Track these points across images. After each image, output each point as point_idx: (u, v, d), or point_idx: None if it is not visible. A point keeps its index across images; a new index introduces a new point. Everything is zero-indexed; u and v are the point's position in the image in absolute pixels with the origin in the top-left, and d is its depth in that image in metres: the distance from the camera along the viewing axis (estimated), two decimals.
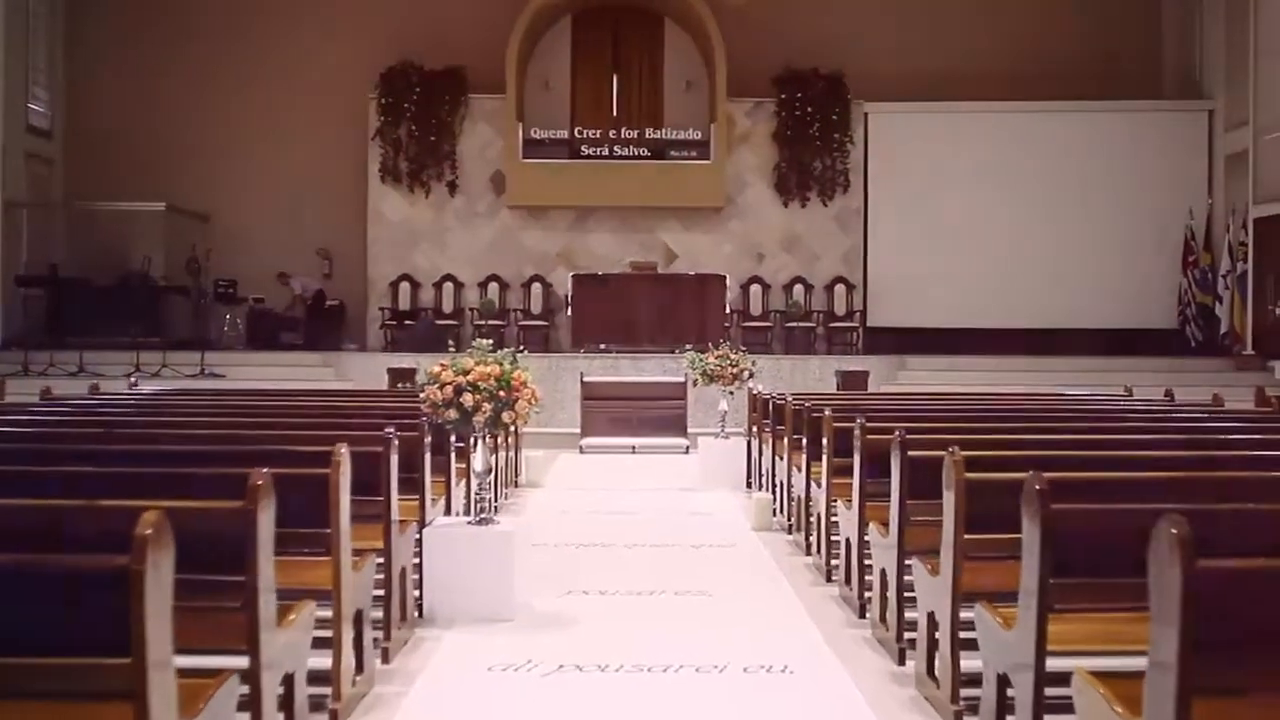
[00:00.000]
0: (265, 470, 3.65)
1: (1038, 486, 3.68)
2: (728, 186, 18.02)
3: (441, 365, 6.14)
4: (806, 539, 7.77)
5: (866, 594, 6.12)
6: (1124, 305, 18.03)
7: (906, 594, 5.37)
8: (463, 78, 18.02)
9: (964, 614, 4.45)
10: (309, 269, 18.54)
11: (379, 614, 5.29)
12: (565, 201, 18.00)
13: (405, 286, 18.06)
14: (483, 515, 6.20)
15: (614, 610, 6.36)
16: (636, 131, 18.00)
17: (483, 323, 17.16)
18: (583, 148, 17.99)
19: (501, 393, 6.02)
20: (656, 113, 18.16)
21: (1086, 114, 18.22)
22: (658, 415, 13.71)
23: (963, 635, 4.47)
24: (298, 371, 15.64)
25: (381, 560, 5.31)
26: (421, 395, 6.09)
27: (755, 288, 17.97)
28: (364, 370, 15.40)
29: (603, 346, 15.90)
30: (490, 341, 6.28)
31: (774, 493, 9.25)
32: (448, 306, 17.98)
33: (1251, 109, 16.91)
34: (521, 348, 6.44)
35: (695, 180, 17.81)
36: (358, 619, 4.84)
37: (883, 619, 5.68)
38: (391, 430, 5.41)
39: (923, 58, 18.24)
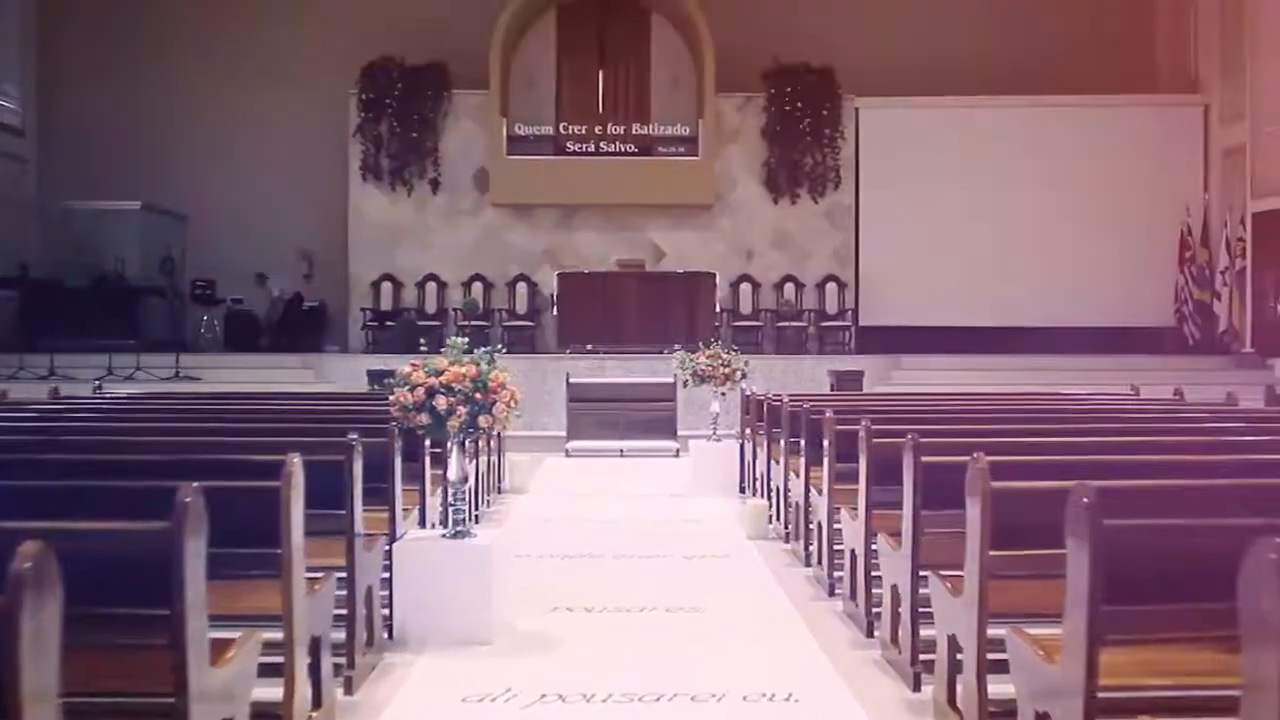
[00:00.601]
0: (195, 485, 3.13)
1: (1085, 499, 3.18)
2: (716, 183, 17.53)
3: (413, 365, 5.63)
4: (805, 549, 7.26)
5: (874, 610, 5.63)
6: (1120, 303, 17.57)
7: (921, 610, 4.87)
8: (445, 73, 17.49)
9: (989, 630, 3.97)
10: (288, 269, 17.99)
11: (343, 636, 4.79)
12: (551, 199, 17.49)
13: (387, 286, 17.52)
14: (458, 528, 5.68)
15: (601, 630, 5.84)
16: (623, 128, 17.50)
17: (466, 323, 16.62)
18: (568, 144, 17.48)
19: (478, 395, 5.51)
20: (644, 108, 17.65)
21: (1079, 109, 17.77)
22: (647, 417, 13.21)
23: (991, 657, 3.98)
24: (277, 374, 15.07)
25: (344, 579, 4.79)
26: (391, 398, 5.57)
27: (745, 286, 17.48)
28: (344, 372, 14.86)
29: (589, 347, 15.38)
30: (465, 340, 5.76)
31: (769, 499, 8.74)
32: (431, 307, 17.44)
33: (1248, 102, 16.48)
34: (500, 346, 5.92)
35: (683, 177, 17.31)
36: (314, 646, 4.32)
37: (894, 639, 5.18)
38: (354, 437, 4.89)
39: (914, 52, 17.78)
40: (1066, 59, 17.71)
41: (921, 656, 4.86)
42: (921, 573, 4.86)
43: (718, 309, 16.32)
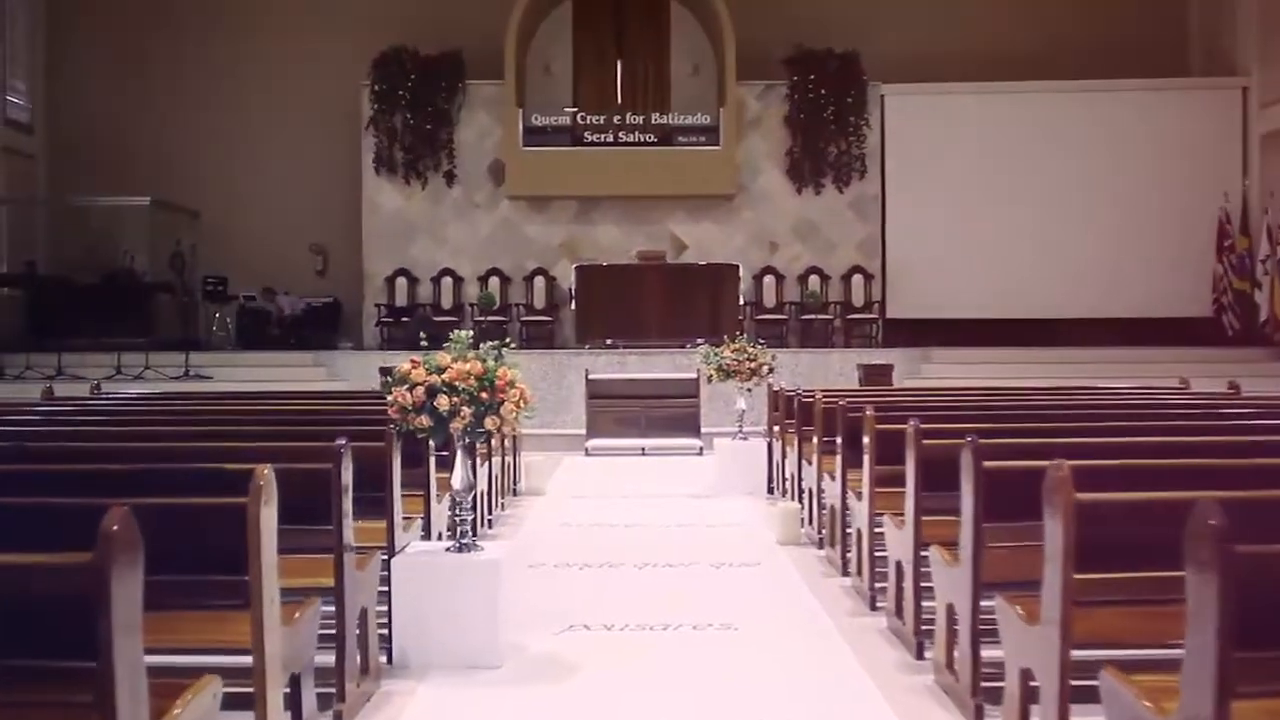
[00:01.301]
0: (124, 507, 2.55)
1: (1211, 520, 2.57)
2: (738, 173, 16.90)
3: (412, 363, 5.05)
4: (843, 557, 6.65)
5: (923, 627, 5.03)
6: (1155, 293, 16.85)
7: (983, 633, 4.27)
8: (460, 63, 16.92)
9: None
10: (301, 273, 17.46)
11: (333, 661, 4.22)
12: (568, 191, 16.89)
13: (402, 282, 16.96)
14: (464, 540, 5.11)
15: (622, 651, 5.26)
16: (642, 117, 16.89)
17: (483, 319, 16.10)
18: (586, 134, 16.88)
19: (484, 394, 4.93)
20: (663, 97, 17.02)
21: (1111, 94, 17.06)
22: (669, 414, 12.61)
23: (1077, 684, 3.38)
24: (289, 372, 14.56)
25: (332, 602, 4.22)
26: (389, 399, 4.99)
27: (769, 279, 16.85)
28: (357, 370, 14.31)
29: (609, 342, 14.79)
30: (470, 333, 5.17)
31: (801, 501, 8.13)
32: (447, 302, 16.89)
33: None
34: (509, 340, 5.33)
35: (704, 167, 16.68)
36: (294, 682, 3.75)
37: (949, 665, 4.58)
38: (342, 442, 4.31)
39: (941, 37, 17.14)
40: (1098, 43, 17.04)
41: (984, 684, 4.27)
42: (984, 592, 4.26)
43: (741, 302, 15.69)
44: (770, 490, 9.70)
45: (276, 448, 4.54)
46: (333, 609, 4.27)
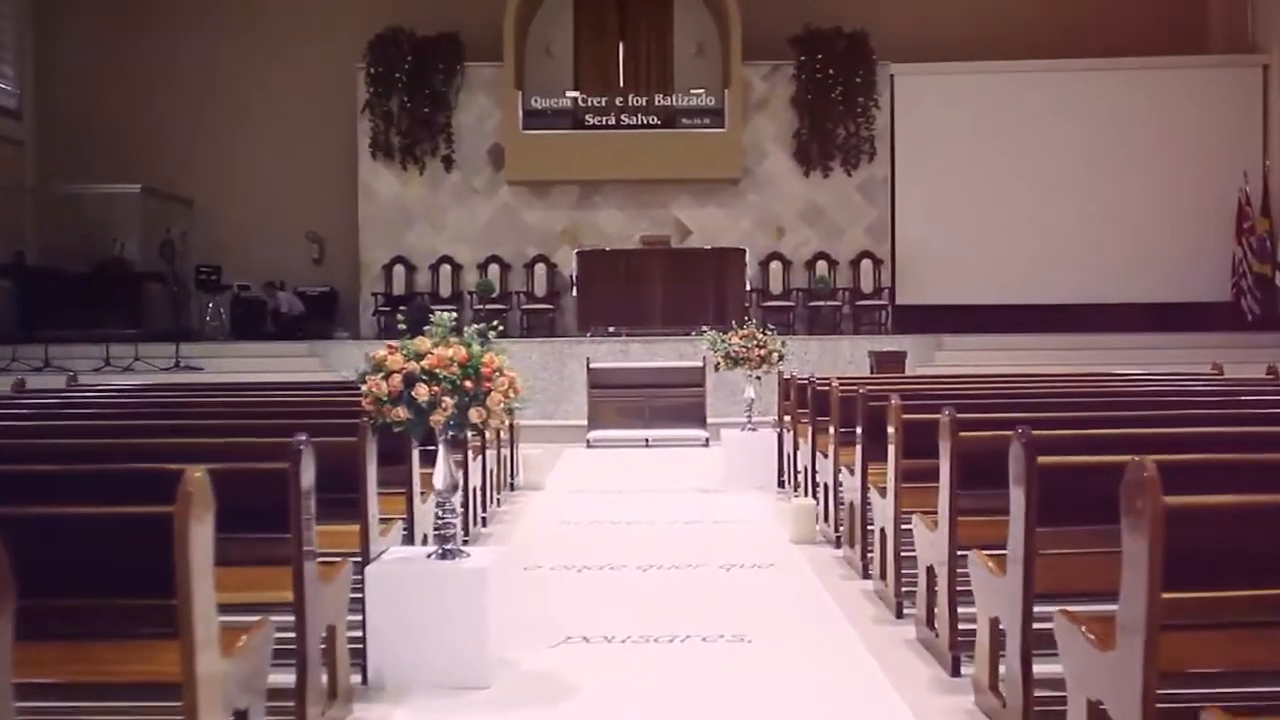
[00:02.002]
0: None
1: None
2: (744, 156, 16.29)
3: (389, 349, 4.49)
4: (863, 558, 6.09)
5: (959, 638, 4.47)
6: (1172, 277, 16.26)
7: (1036, 651, 3.72)
8: (458, 44, 16.32)
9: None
10: (297, 262, 16.90)
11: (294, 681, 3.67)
12: (569, 176, 16.30)
13: (400, 270, 16.39)
14: (448, 546, 4.54)
15: (624, 667, 4.70)
16: (645, 99, 16.29)
17: (481, 307, 15.53)
18: (587, 117, 16.28)
19: (468, 383, 4.37)
20: (666, 78, 16.44)
21: (1127, 73, 16.45)
22: (673, 404, 12.04)
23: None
24: (283, 363, 14.00)
25: (291, 621, 3.67)
26: (363, 389, 4.43)
27: (775, 264, 16.26)
28: (353, 361, 13.63)
29: (611, 329, 14.21)
30: (453, 315, 4.61)
31: (815, 496, 7.56)
32: (445, 290, 16.31)
33: None
34: (496, 324, 4.76)
35: (709, 150, 16.08)
36: (241, 718, 3.19)
37: (993, 686, 4.02)
38: (302, 439, 3.74)
39: (952, 15, 16.54)
40: (1113, 20, 16.46)
41: (1036, 709, 3.71)
42: (1036, 607, 3.69)
43: (748, 288, 15.10)
44: (781, 484, 9.14)
45: (229, 445, 3.98)
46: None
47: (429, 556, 4.55)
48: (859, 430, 6.12)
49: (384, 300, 16.20)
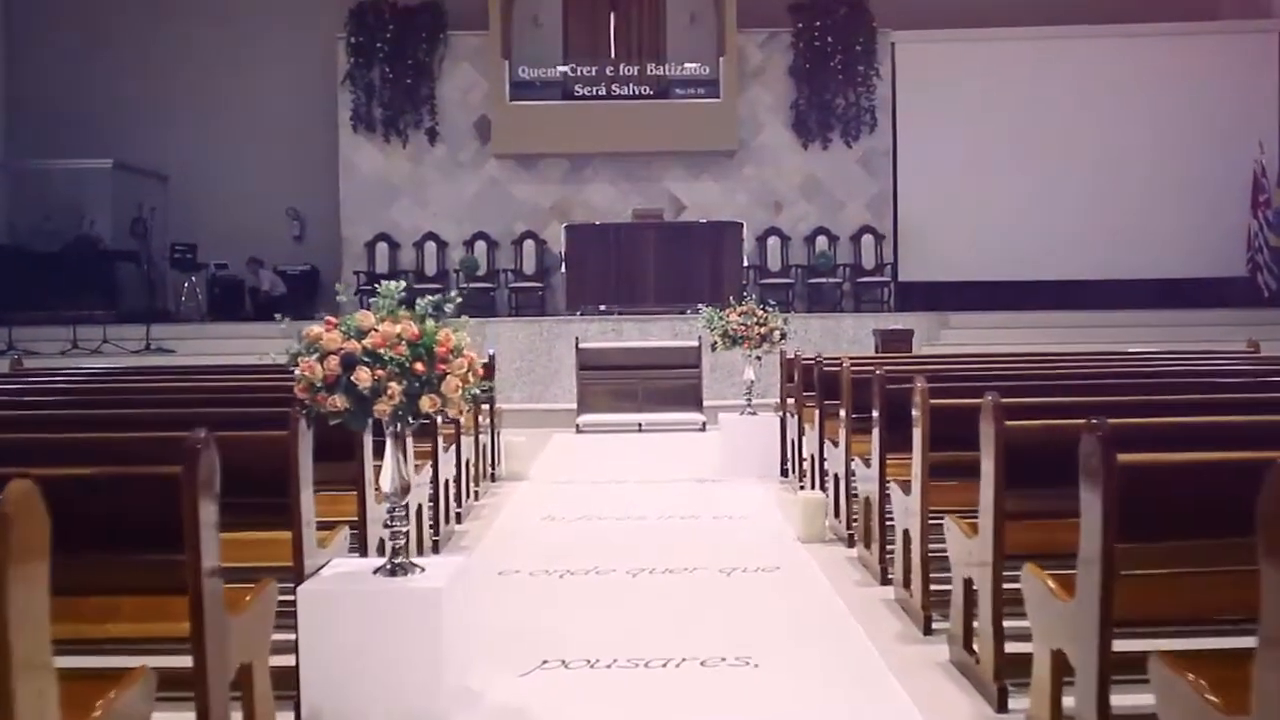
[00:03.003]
0: None
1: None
2: (740, 128, 15.47)
3: (327, 325, 3.72)
4: (882, 561, 5.33)
5: (1005, 664, 3.72)
6: (1184, 252, 15.47)
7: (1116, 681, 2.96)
8: (441, 12, 15.47)
9: None
10: (277, 240, 16.07)
11: None
12: (559, 148, 15.47)
13: (383, 247, 15.58)
14: (397, 560, 3.78)
15: (608, 699, 3.94)
16: (636, 68, 15.46)
17: (467, 285, 14.75)
18: (577, 88, 15.46)
19: (418, 365, 3.60)
20: (658, 47, 15.57)
21: (1138, 39, 15.62)
22: (668, 386, 11.29)
23: None
24: (259, 345, 12.94)
25: (191, 662, 2.90)
26: (295, 373, 3.66)
27: (773, 240, 15.46)
28: None
29: (602, 308, 13.40)
30: (401, 284, 3.84)
31: (824, 488, 6.80)
32: (430, 268, 15.51)
33: None
34: (455, 295, 3.97)
35: (703, 121, 15.27)
36: None
37: None
38: (201, 433, 2.96)
39: None
40: None
41: None
42: (1118, 642, 2.93)
43: (745, 264, 14.31)
44: (784, 472, 8.37)
45: (111, 443, 3.21)
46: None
47: (376, 572, 3.78)
48: (875, 417, 5.35)
49: (366, 279, 15.38)
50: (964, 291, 15.03)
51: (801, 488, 7.62)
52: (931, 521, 4.59)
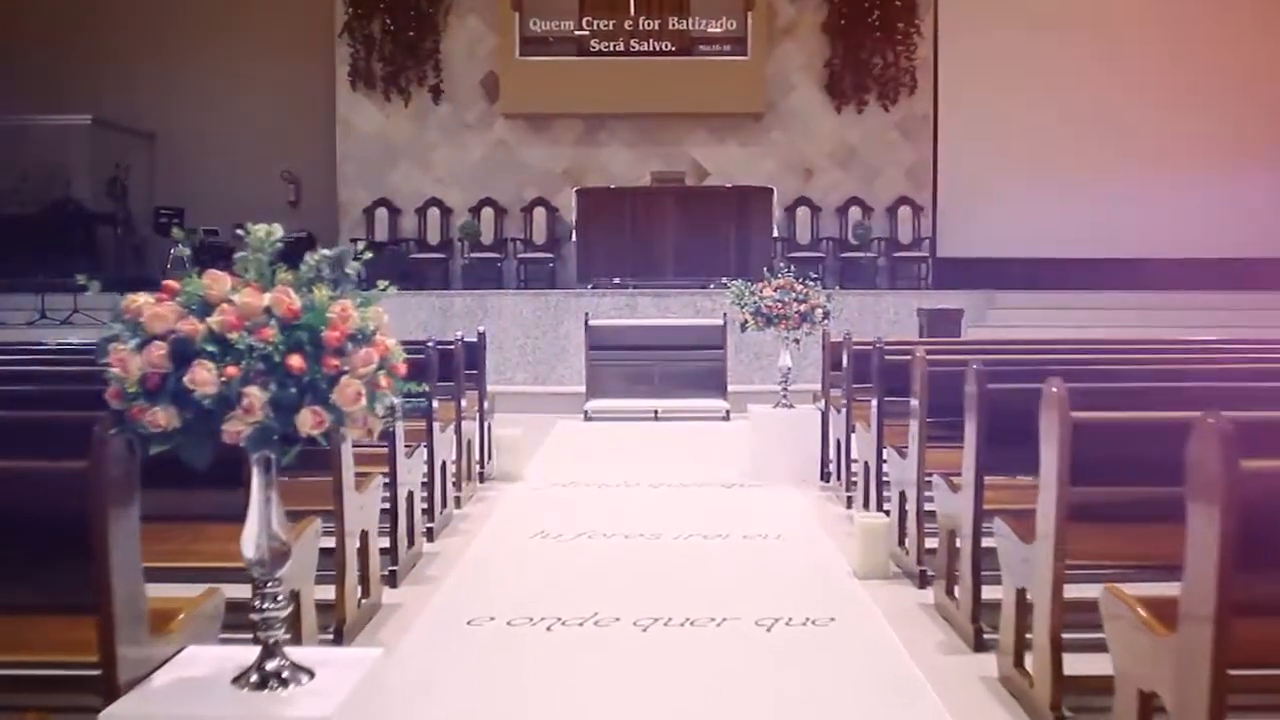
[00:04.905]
0: None
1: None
2: (768, 88, 13.94)
3: (161, 292, 2.30)
4: (975, 619, 3.87)
5: None
6: (1254, 229, 13.87)
7: None
8: None
9: None
10: (271, 204, 14.52)
11: None
12: (572, 109, 13.96)
13: (382, 213, 14.13)
14: (269, 665, 2.34)
15: None
16: (658, 22, 13.94)
17: (472, 255, 13.32)
18: (593, 43, 13.95)
19: (294, 360, 2.16)
20: (682, 0, 14.03)
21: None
22: (688, 369, 9.83)
23: None
24: None
25: None
26: (108, 372, 2.22)
27: (802, 210, 13.96)
28: None
29: (616, 281, 11.92)
30: (275, 230, 2.40)
31: (880, 503, 5.35)
32: (433, 237, 14.06)
33: None
34: (361, 250, 2.55)
35: (729, 81, 13.75)
36: None
37: None
38: None
39: None
40: None
41: None
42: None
43: (775, 234, 12.81)
44: (824, 476, 6.91)
45: None
46: None
47: (237, 681, 2.35)
48: (971, 426, 3.88)
49: (364, 247, 13.93)
50: (1006, 269, 13.47)
51: (849, 499, 6.17)
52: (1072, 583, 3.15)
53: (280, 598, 2.36)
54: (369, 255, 2.56)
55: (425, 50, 14.02)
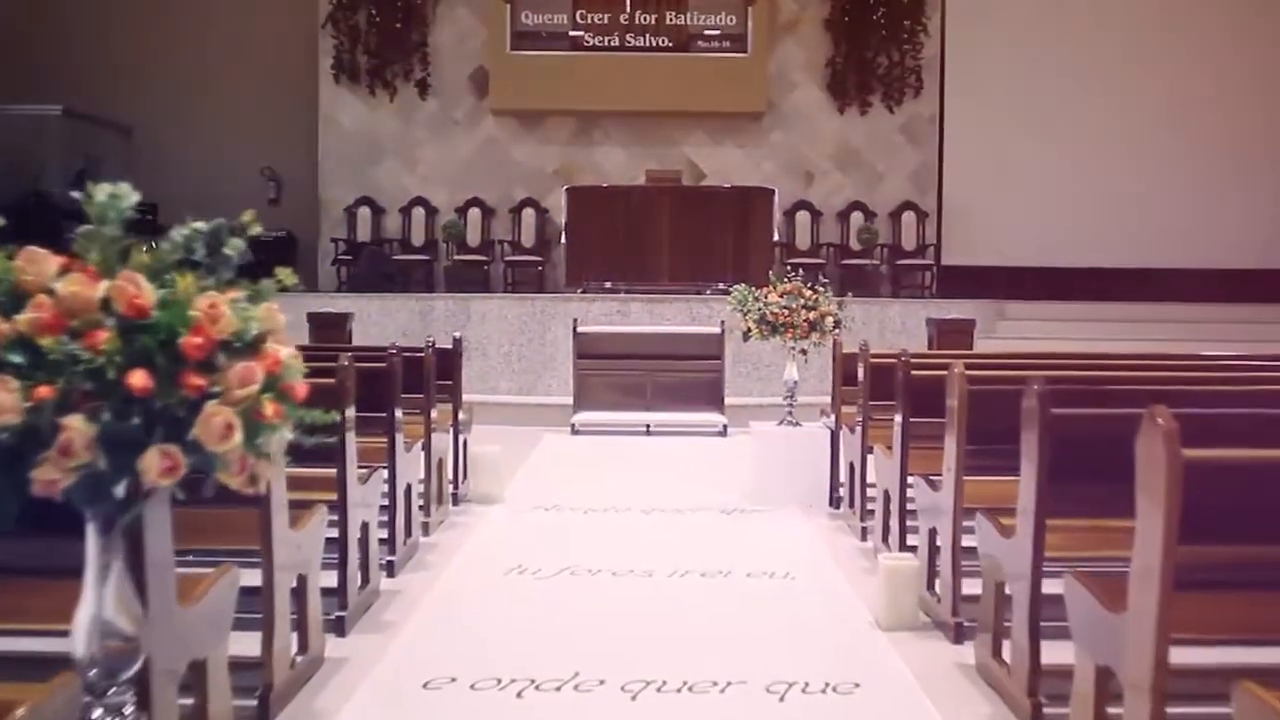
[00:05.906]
0: None
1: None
2: (769, 87, 13.28)
3: None
4: (1033, 691, 3.19)
5: None
6: (1259, 239, 13.28)
7: None
8: None
9: None
10: (251, 202, 13.75)
11: None
12: (564, 106, 13.29)
13: (365, 212, 13.43)
14: None
15: None
16: (654, 17, 13.28)
17: (458, 257, 12.64)
18: (587, 38, 13.29)
19: (136, 378, 1.45)
20: None
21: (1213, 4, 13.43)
22: (683, 381, 9.14)
23: None
24: None
25: None
26: None
27: (802, 214, 13.29)
28: (292, 317, 10.79)
29: (608, 285, 11.22)
30: (123, 190, 1.69)
31: (904, 538, 4.67)
32: (418, 237, 13.37)
33: None
34: (249, 222, 1.88)
35: (728, 79, 13.10)
36: None
37: None
38: None
39: None
40: None
41: None
42: None
43: (775, 238, 12.14)
44: (834, 501, 6.23)
45: None
46: None
47: None
48: (1031, 460, 3.20)
49: (345, 248, 13.29)
50: (1013, 278, 12.85)
51: (864, 529, 5.48)
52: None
53: (128, 710, 1.67)
54: (257, 230, 1.84)
55: (412, 43, 13.34)
